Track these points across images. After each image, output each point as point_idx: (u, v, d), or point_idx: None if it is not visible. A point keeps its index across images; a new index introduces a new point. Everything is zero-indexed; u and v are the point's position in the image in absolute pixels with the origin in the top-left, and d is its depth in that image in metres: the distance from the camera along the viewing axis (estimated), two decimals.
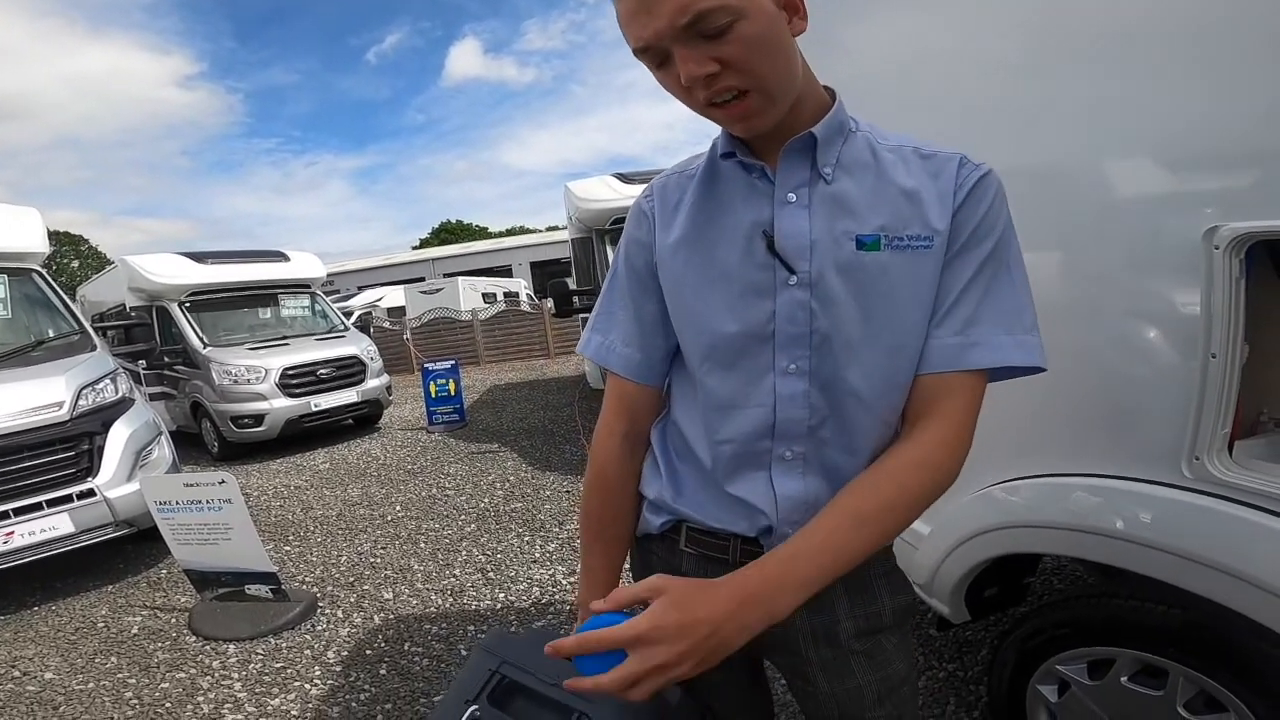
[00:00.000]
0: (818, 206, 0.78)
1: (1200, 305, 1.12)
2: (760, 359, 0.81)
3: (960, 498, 1.62)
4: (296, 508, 5.14)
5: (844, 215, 0.77)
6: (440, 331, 15.09)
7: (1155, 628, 1.28)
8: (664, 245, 0.87)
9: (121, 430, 3.97)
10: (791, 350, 0.80)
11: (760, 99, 0.71)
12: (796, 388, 0.80)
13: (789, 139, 0.77)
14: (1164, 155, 1.20)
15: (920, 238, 0.75)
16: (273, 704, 2.50)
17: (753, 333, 0.80)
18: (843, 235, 0.77)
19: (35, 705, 2.62)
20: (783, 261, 0.78)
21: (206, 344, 7.18)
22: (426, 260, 31.28)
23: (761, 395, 0.82)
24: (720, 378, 0.84)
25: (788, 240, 0.78)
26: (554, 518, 4.30)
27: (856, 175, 0.78)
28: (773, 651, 0.95)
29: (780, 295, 0.79)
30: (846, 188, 0.78)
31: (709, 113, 0.74)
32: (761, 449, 0.83)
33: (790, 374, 0.80)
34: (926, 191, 0.76)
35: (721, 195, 0.83)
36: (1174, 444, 1.20)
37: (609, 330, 0.94)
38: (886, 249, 0.76)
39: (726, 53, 0.67)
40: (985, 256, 0.76)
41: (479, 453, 6.37)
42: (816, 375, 0.80)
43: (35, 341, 4.21)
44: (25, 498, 3.50)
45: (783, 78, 0.72)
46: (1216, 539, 1.14)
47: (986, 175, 0.77)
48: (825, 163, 0.78)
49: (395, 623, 3.08)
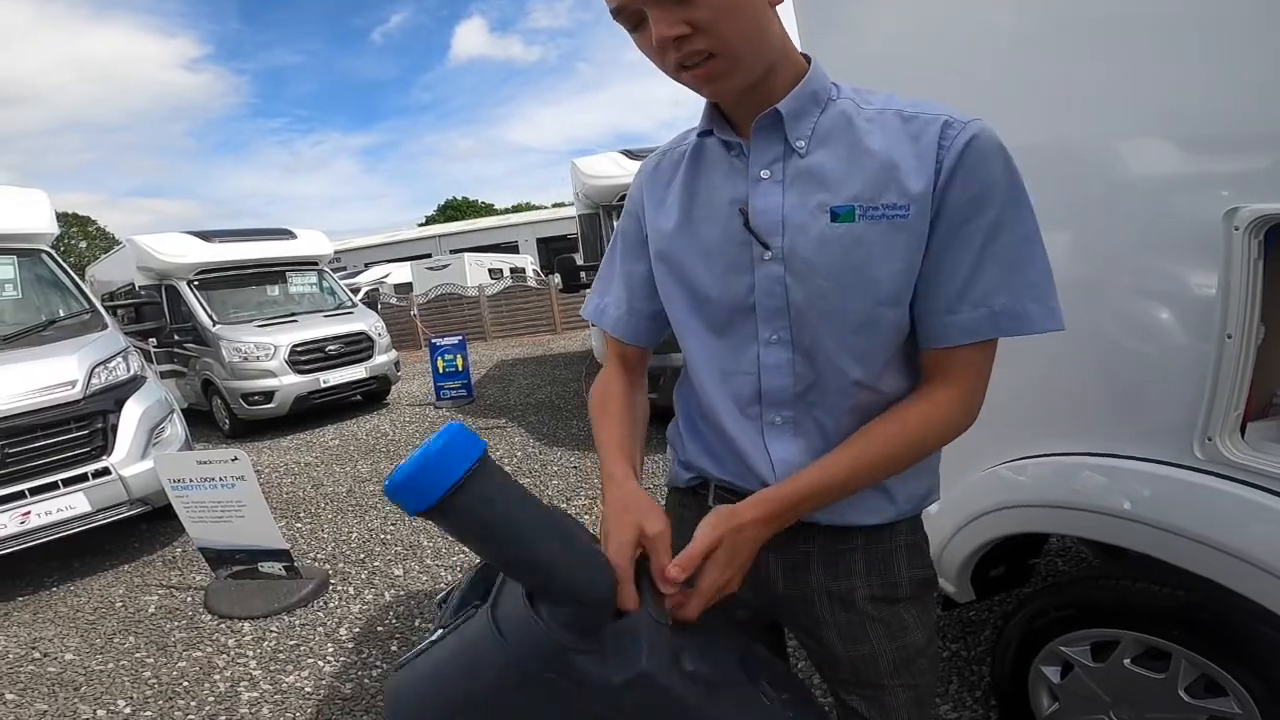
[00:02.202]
0: (791, 181, 0.79)
1: (1217, 286, 1.10)
2: (745, 329, 0.85)
3: (967, 477, 1.61)
4: (307, 484, 5.20)
5: (818, 188, 0.77)
6: (447, 307, 15.11)
7: (1159, 610, 1.27)
8: (655, 223, 0.91)
9: (134, 408, 4.00)
10: (773, 321, 0.83)
11: (726, 62, 0.72)
12: (780, 356, 0.83)
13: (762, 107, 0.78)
14: (1183, 137, 1.17)
15: (896, 206, 0.74)
16: (287, 681, 2.55)
17: (736, 305, 0.84)
18: (816, 208, 0.77)
19: (57, 686, 2.66)
20: (757, 238, 0.80)
21: (216, 321, 7.20)
22: (433, 237, 31.22)
23: (747, 364, 0.86)
24: (712, 346, 0.88)
25: (761, 217, 0.80)
26: (561, 493, 4.33)
27: (831, 145, 0.78)
28: (790, 616, 0.96)
29: (758, 270, 0.81)
30: (820, 159, 0.78)
31: (680, 76, 0.74)
32: (752, 414, 0.87)
33: (773, 344, 0.83)
34: (904, 157, 0.74)
35: (704, 173, 0.87)
36: (1186, 425, 1.19)
37: (605, 293, 1.02)
38: (861, 219, 0.75)
39: (696, 15, 0.68)
40: (993, 222, 0.74)
41: (486, 428, 6.40)
42: (798, 344, 0.82)
43: (46, 321, 4.23)
44: (41, 477, 3.54)
45: (751, 43, 0.72)
46: (1226, 521, 1.13)
47: (977, 136, 0.73)
48: (798, 136, 0.78)
49: (406, 599, 3.13)
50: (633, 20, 0.73)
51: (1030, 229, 0.75)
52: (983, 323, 0.75)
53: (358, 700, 2.37)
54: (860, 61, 1.75)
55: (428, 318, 14.25)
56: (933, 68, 1.58)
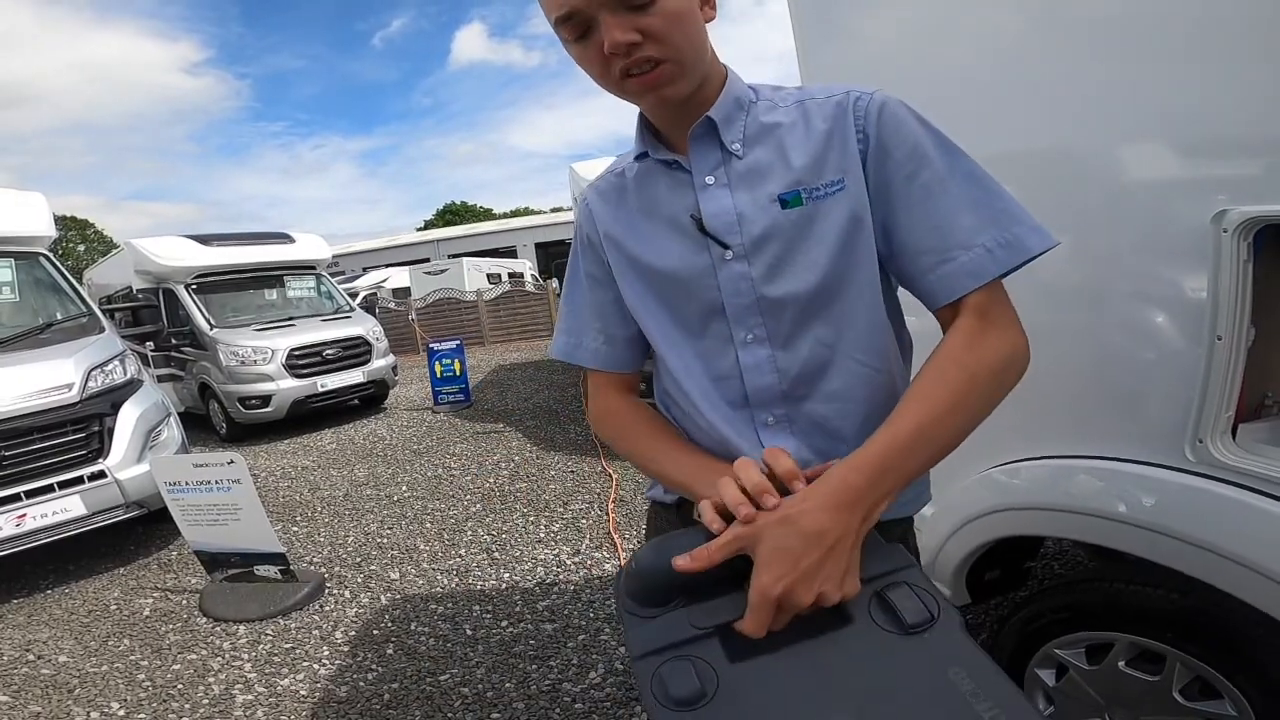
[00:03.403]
0: (736, 182, 0.82)
1: (1207, 288, 1.11)
2: (720, 331, 0.85)
3: (962, 480, 1.62)
4: (304, 488, 5.19)
5: (762, 182, 0.81)
6: (445, 312, 15.11)
7: (1153, 612, 1.28)
8: (620, 243, 0.91)
9: (131, 411, 4.00)
10: (746, 320, 0.83)
11: (673, 69, 0.74)
12: (759, 355, 0.84)
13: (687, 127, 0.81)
14: (1172, 140, 1.18)
15: (834, 183, 0.78)
16: (282, 684, 2.54)
17: (708, 309, 0.85)
18: (765, 200, 0.80)
19: (50, 689, 2.66)
20: (715, 239, 0.81)
21: (213, 325, 7.20)
22: (431, 241, 31.21)
23: (728, 367, 0.86)
24: (692, 353, 0.88)
25: (715, 219, 0.81)
26: (558, 498, 4.32)
27: (763, 143, 0.82)
28: None
29: (721, 271, 0.82)
30: (758, 156, 0.82)
31: (624, 85, 0.75)
32: (743, 417, 0.86)
33: (749, 343, 0.84)
34: (829, 135, 0.79)
35: (650, 193, 0.88)
36: (1177, 427, 1.19)
37: (576, 331, 0.98)
38: (809, 202, 0.79)
39: (649, 24, 0.70)
40: (941, 171, 0.75)
41: (484, 433, 6.40)
42: (775, 339, 0.83)
43: (44, 324, 4.23)
44: (37, 480, 3.53)
45: (696, 52, 0.76)
46: (1218, 523, 1.13)
47: (886, 101, 0.78)
48: (732, 139, 0.82)
49: (402, 603, 3.12)
50: (579, 29, 0.73)
51: (974, 167, 0.77)
52: (982, 262, 0.73)
53: (353, 704, 2.36)
54: (858, 66, 1.77)
55: (426, 322, 14.25)
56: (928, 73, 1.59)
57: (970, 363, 0.72)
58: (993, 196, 0.75)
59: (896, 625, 0.62)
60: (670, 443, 0.89)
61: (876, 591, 0.65)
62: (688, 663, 0.62)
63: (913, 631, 0.61)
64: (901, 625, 0.62)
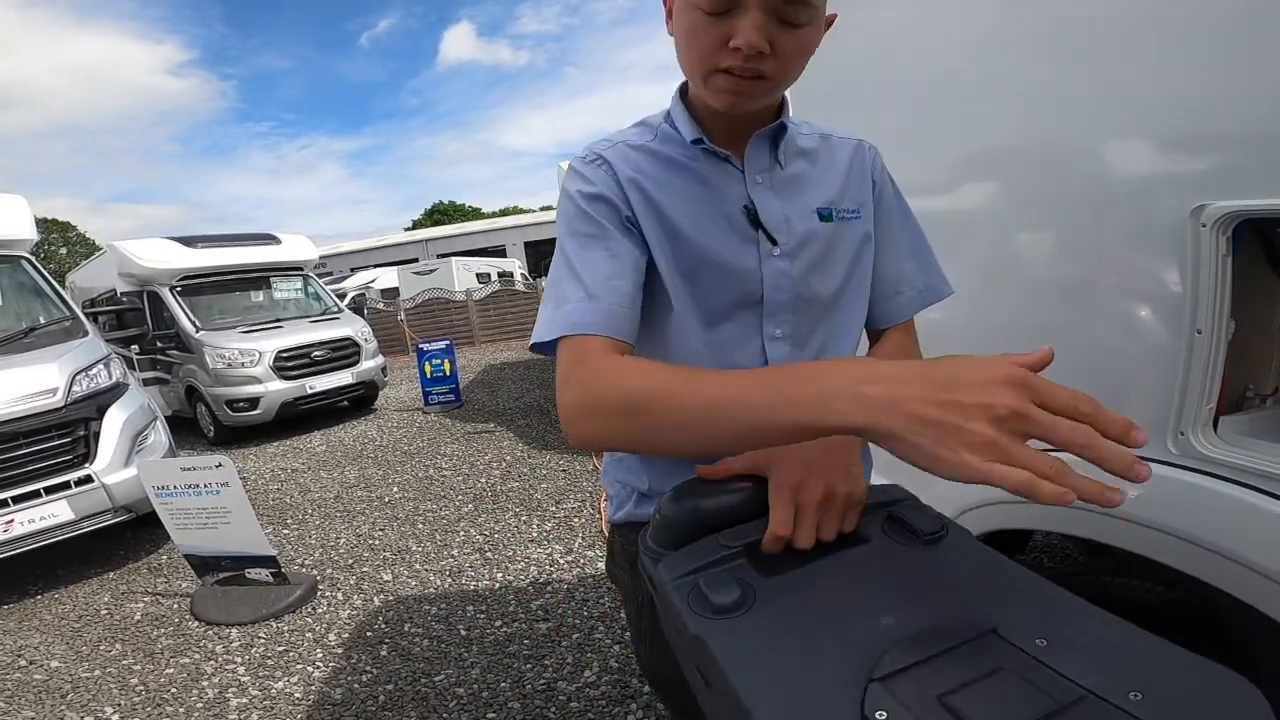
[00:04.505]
0: (779, 187, 0.87)
1: (1187, 282, 1.12)
2: (748, 324, 0.87)
3: None
4: (294, 490, 5.16)
5: (800, 193, 0.88)
6: (435, 312, 15.05)
7: (1142, 606, 1.29)
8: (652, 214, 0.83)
9: (117, 415, 3.96)
10: (778, 316, 0.87)
11: (769, 87, 0.77)
12: (782, 351, 0.87)
13: (745, 128, 0.85)
14: (1150, 134, 1.19)
15: (852, 210, 0.90)
16: (276, 687, 2.53)
17: (742, 301, 0.86)
18: (804, 209, 0.87)
19: (43, 694, 2.64)
20: (767, 234, 0.84)
21: (199, 328, 7.13)
22: (420, 241, 31.09)
23: (745, 359, 0.87)
24: (707, 340, 0.87)
25: (767, 215, 0.85)
26: (550, 497, 4.33)
27: (799, 160, 0.90)
28: None
29: (766, 265, 0.85)
30: (796, 170, 0.89)
31: (713, 77, 0.76)
32: None
33: (777, 339, 0.87)
34: (849, 170, 0.91)
35: (694, 177, 0.86)
36: (1159, 419, 1.21)
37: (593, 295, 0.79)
38: (836, 220, 0.88)
39: (783, 42, 0.72)
40: (903, 221, 0.96)
41: (475, 433, 6.39)
42: (797, 338, 0.88)
43: (26, 328, 4.18)
44: (23, 485, 3.50)
45: (791, 81, 0.80)
46: (1201, 515, 1.15)
47: (879, 153, 0.96)
48: (781, 150, 0.88)
49: (395, 604, 3.12)
50: (723, 5, 0.70)
51: (915, 222, 0.98)
52: (916, 299, 0.96)
53: (348, 706, 2.36)
54: (844, 64, 1.78)
55: (415, 323, 14.18)
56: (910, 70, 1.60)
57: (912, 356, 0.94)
58: (925, 250, 0.97)
59: (911, 537, 0.66)
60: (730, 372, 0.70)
61: (888, 514, 0.70)
62: (727, 573, 0.63)
63: (929, 541, 0.65)
64: (917, 536, 0.66)
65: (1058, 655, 0.49)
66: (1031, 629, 0.52)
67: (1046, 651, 0.50)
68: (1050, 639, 0.51)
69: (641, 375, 0.70)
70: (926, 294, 0.96)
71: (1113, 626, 0.53)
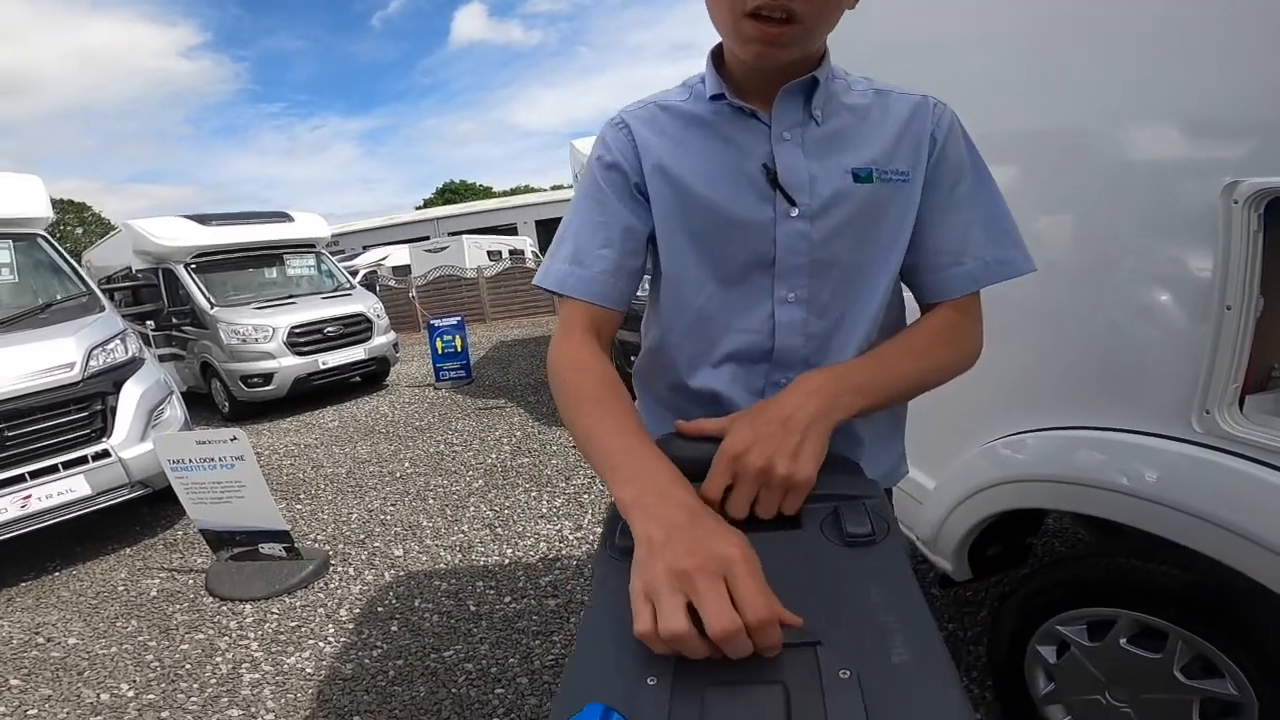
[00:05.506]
0: (811, 146, 0.83)
1: (1217, 258, 1.09)
2: (760, 285, 0.86)
3: (965, 452, 1.61)
4: (307, 466, 5.21)
5: (837, 152, 0.83)
6: (445, 290, 15.07)
7: (1157, 589, 1.27)
8: (661, 176, 0.86)
9: (133, 390, 3.99)
10: (791, 279, 0.84)
11: (800, 33, 0.74)
12: (795, 316, 0.85)
13: (778, 84, 0.81)
14: (1181, 113, 1.16)
15: (900, 172, 0.83)
16: (288, 662, 2.56)
17: (754, 262, 0.85)
18: (838, 169, 0.82)
19: (60, 671, 2.67)
20: (784, 194, 0.82)
21: (214, 304, 7.17)
22: (431, 220, 31.06)
23: (758, 322, 0.86)
24: (719, 300, 0.87)
25: (789, 175, 0.82)
26: (560, 473, 4.34)
27: (843, 116, 0.84)
28: None
29: (780, 227, 0.83)
30: (837, 127, 0.84)
31: (742, 24, 0.73)
32: (757, 373, 0.88)
33: (790, 303, 0.85)
34: (903, 130, 0.84)
35: (717, 137, 0.85)
36: (1184, 398, 1.18)
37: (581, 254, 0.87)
38: (878, 181, 0.83)
39: None
40: (973, 186, 0.86)
41: (486, 409, 6.41)
42: (814, 303, 0.85)
43: (44, 304, 4.21)
44: (41, 460, 3.53)
45: (825, 29, 0.77)
46: (1223, 495, 1.12)
47: (953, 115, 0.86)
48: (816, 106, 0.83)
49: (406, 579, 3.14)
50: None
51: (996, 191, 0.87)
52: (980, 271, 0.85)
53: (358, 680, 2.39)
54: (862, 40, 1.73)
55: (426, 300, 14.21)
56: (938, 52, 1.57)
57: (943, 344, 0.84)
58: (1001, 218, 0.86)
59: (838, 537, 0.66)
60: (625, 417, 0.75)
61: (835, 508, 0.69)
62: None
63: (850, 543, 0.65)
64: (841, 537, 0.66)
65: (843, 693, 0.49)
66: (848, 660, 0.52)
67: (838, 685, 0.50)
68: (856, 675, 0.50)
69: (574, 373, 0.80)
70: (995, 267, 0.85)
71: (937, 701, 0.49)
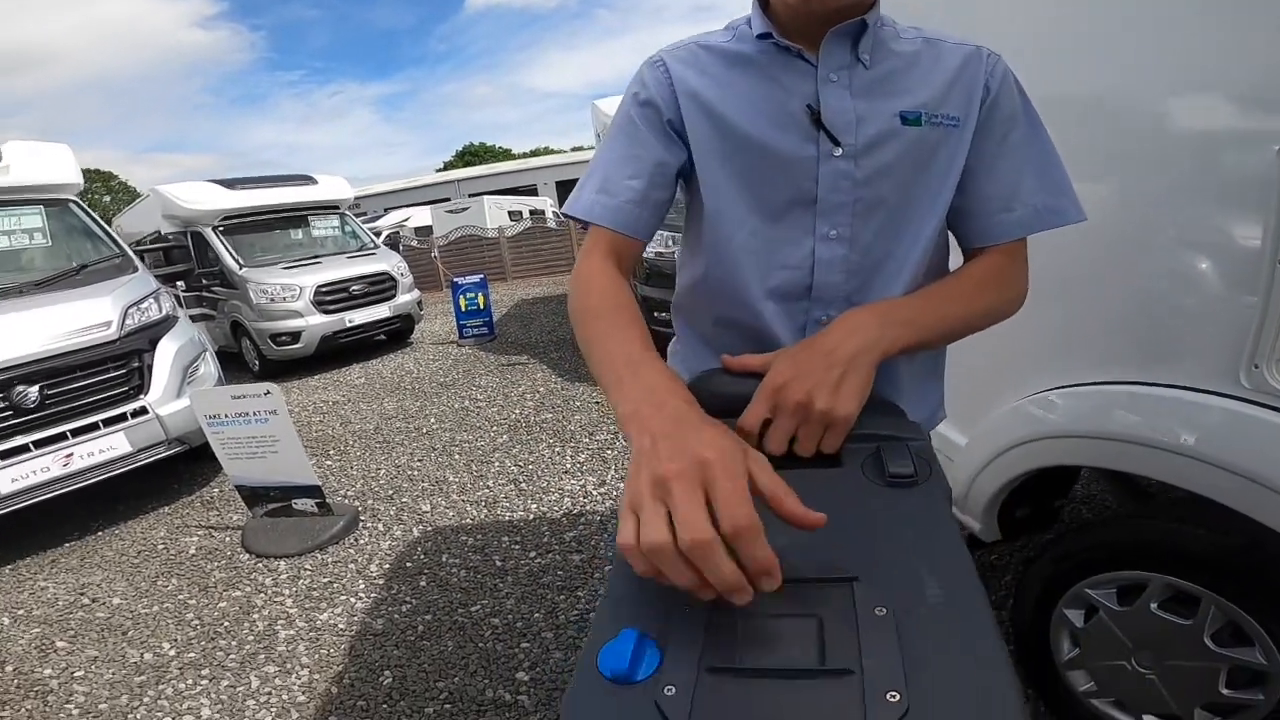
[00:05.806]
0: (858, 88, 0.83)
1: (1271, 212, 1.04)
2: (802, 222, 0.86)
3: (999, 407, 1.57)
4: (335, 422, 5.30)
5: (886, 95, 0.83)
6: (467, 249, 15.04)
7: (1192, 552, 1.24)
8: (699, 110, 0.87)
9: (168, 347, 4.06)
10: (833, 216, 0.85)
11: None
12: (836, 252, 0.86)
13: (825, 27, 0.80)
14: (1228, 70, 1.12)
15: (951, 117, 0.84)
16: (321, 618, 2.63)
17: (795, 199, 0.85)
18: (886, 111, 0.83)
19: (106, 631, 2.74)
20: (828, 134, 0.82)
21: (242, 265, 7.28)
22: (452, 181, 30.92)
23: (799, 258, 0.87)
24: (762, 236, 0.88)
25: (833, 115, 0.82)
26: (584, 429, 4.36)
27: (892, 60, 0.84)
28: None
29: (823, 166, 0.83)
30: (885, 70, 0.84)
31: None
32: (798, 310, 0.89)
33: (831, 239, 0.86)
34: (955, 77, 0.84)
35: (760, 73, 0.86)
36: (1232, 353, 1.13)
37: (610, 183, 0.89)
38: (927, 124, 0.83)
39: None
40: (1026, 134, 0.86)
41: (509, 365, 6.45)
42: (857, 241, 0.86)
43: (79, 265, 4.28)
44: (81, 418, 3.61)
45: None
46: (1269, 453, 1.08)
47: (1006, 65, 0.87)
48: (864, 49, 0.83)
49: (433, 534, 3.20)
50: None
51: (1048, 138, 0.87)
52: (1030, 218, 0.86)
53: (388, 636, 2.45)
54: None
55: (448, 259, 14.22)
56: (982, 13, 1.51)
57: (991, 285, 0.86)
58: (1053, 167, 0.86)
59: (879, 476, 0.66)
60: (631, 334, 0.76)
61: (877, 448, 0.69)
62: None
63: (892, 483, 0.65)
64: (883, 476, 0.65)
65: (878, 629, 0.48)
66: (884, 597, 0.50)
67: (874, 621, 0.48)
68: (892, 611, 0.49)
69: (588, 293, 0.83)
70: (1045, 215, 0.85)
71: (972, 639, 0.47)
